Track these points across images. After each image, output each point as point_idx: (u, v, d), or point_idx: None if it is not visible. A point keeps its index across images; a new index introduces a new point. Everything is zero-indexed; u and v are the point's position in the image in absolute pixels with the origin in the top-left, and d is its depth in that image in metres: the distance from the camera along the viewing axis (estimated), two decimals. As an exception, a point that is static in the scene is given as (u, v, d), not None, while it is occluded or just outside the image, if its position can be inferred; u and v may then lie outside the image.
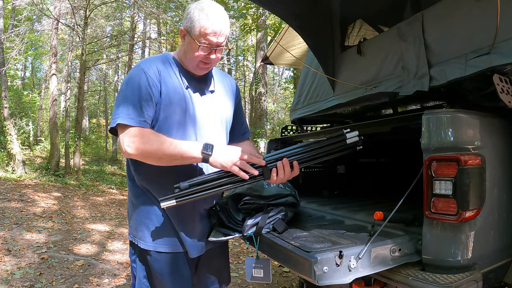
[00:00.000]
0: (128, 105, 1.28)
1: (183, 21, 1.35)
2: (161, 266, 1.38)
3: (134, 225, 1.44)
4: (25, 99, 14.94)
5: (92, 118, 26.29)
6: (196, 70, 1.40)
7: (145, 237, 1.38)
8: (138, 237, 1.41)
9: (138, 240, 1.41)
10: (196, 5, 1.32)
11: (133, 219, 1.44)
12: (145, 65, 1.35)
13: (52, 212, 6.04)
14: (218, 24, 1.30)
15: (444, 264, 1.23)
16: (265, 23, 11.10)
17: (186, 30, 1.33)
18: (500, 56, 1.45)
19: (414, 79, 1.87)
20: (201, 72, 1.42)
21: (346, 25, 2.83)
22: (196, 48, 1.31)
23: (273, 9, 2.56)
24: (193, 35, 1.30)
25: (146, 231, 1.38)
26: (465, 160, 1.19)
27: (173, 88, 1.37)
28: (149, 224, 1.39)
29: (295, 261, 1.22)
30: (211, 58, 1.35)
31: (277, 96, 22.04)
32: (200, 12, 1.29)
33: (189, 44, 1.33)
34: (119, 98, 1.33)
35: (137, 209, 1.43)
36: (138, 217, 1.42)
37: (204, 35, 1.29)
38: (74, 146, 10.80)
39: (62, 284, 3.10)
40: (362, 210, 1.86)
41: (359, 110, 2.80)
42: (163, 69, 1.37)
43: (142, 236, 1.39)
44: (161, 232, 1.38)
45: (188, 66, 1.40)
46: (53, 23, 10.48)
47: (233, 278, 3.43)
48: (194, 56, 1.33)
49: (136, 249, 1.44)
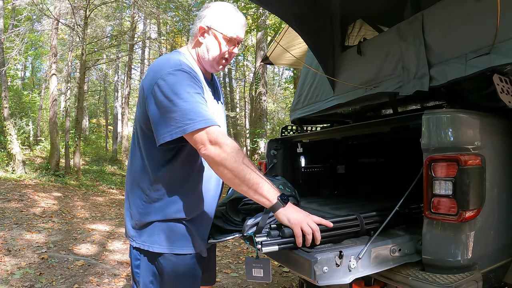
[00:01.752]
0: (200, 107, 1.22)
1: (202, 19, 1.37)
2: (175, 268, 1.36)
3: (142, 230, 1.38)
4: (25, 99, 14.94)
5: (92, 118, 26.30)
6: (215, 67, 1.42)
7: (161, 240, 1.35)
8: (149, 241, 1.36)
9: (149, 245, 1.36)
10: (216, 5, 1.38)
11: (140, 225, 1.39)
12: (187, 68, 1.29)
13: (52, 212, 6.04)
14: (243, 18, 1.39)
15: (444, 264, 1.24)
16: (265, 23, 11.10)
17: (209, 26, 1.36)
18: (500, 56, 1.45)
19: (414, 79, 1.87)
20: (220, 69, 1.43)
21: (346, 25, 2.83)
22: (222, 43, 1.36)
23: (273, 9, 2.56)
24: (220, 29, 1.35)
25: (161, 234, 1.35)
26: (465, 160, 1.19)
27: (208, 95, 1.41)
28: (164, 227, 1.35)
29: (295, 261, 1.22)
30: (233, 53, 1.40)
31: (277, 96, 22.04)
32: (225, 8, 1.37)
33: (213, 40, 1.37)
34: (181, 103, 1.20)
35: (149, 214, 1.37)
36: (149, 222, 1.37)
37: (232, 28, 1.36)
38: (74, 146, 10.80)
39: (62, 284, 3.10)
40: (362, 210, 1.85)
41: (359, 110, 2.80)
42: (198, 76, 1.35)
43: (157, 239, 1.35)
44: (176, 234, 1.36)
45: (207, 63, 1.41)
46: (53, 23, 10.48)
47: (233, 278, 3.43)
48: (219, 51, 1.37)
49: (144, 254, 1.39)
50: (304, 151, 2.53)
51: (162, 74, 1.24)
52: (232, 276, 3.47)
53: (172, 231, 1.35)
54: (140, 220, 1.37)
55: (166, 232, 1.35)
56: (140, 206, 1.37)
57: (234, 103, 23.76)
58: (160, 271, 1.37)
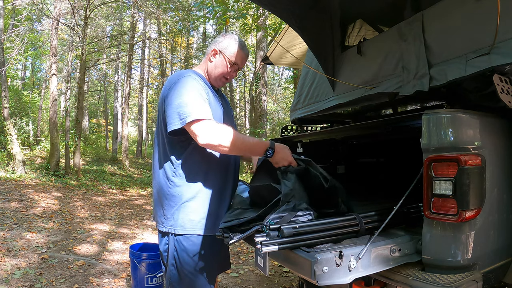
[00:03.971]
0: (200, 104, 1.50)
1: (216, 44, 1.73)
2: (196, 248, 1.57)
3: (168, 214, 1.60)
4: (25, 99, 14.92)
5: (92, 118, 26.30)
6: (218, 82, 1.76)
7: (184, 223, 1.57)
8: (175, 225, 1.58)
9: (174, 228, 1.57)
10: (231, 35, 1.76)
11: (167, 209, 1.60)
12: (196, 77, 1.61)
13: (52, 212, 6.04)
14: (247, 53, 1.77)
15: (444, 264, 1.24)
16: (265, 23, 11.10)
17: (220, 50, 1.72)
18: (500, 56, 1.45)
19: (414, 79, 1.87)
20: (221, 85, 1.78)
21: (346, 25, 2.83)
22: (227, 66, 1.71)
23: (273, 9, 2.56)
24: (228, 55, 1.71)
25: (185, 218, 1.57)
26: (465, 160, 1.19)
27: (214, 101, 1.66)
28: (187, 211, 1.58)
29: (295, 261, 1.22)
30: (232, 75, 1.76)
31: (277, 96, 22.03)
32: (236, 41, 1.73)
33: (221, 61, 1.72)
34: (184, 98, 1.50)
35: (173, 198, 1.60)
36: (174, 205, 1.59)
37: (237, 57, 1.72)
38: (74, 146, 10.80)
39: (62, 284, 3.10)
40: (362, 210, 1.85)
41: (359, 110, 2.80)
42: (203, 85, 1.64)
43: (181, 222, 1.57)
44: (198, 217, 1.58)
45: (212, 77, 1.74)
46: (53, 23, 10.48)
47: (233, 278, 3.43)
48: (223, 71, 1.72)
49: (170, 237, 1.60)
50: (304, 151, 2.53)
51: (177, 80, 1.58)
52: (232, 276, 3.47)
53: (194, 213, 1.57)
54: (167, 206, 1.60)
55: (189, 215, 1.57)
56: (166, 192, 1.61)
57: (234, 103, 23.75)
58: (182, 253, 1.57)
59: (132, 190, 10.50)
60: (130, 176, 13.46)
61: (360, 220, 1.37)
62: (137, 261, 2.63)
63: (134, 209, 7.37)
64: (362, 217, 1.39)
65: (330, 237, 1.29)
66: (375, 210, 1.47)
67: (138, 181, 12.52)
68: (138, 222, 6.03)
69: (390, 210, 1.37)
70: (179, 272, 1.58)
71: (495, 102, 1.46)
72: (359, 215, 1.39)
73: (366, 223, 1.37)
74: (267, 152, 1.55)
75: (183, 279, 1.58)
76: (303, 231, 1.24)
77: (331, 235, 1.29)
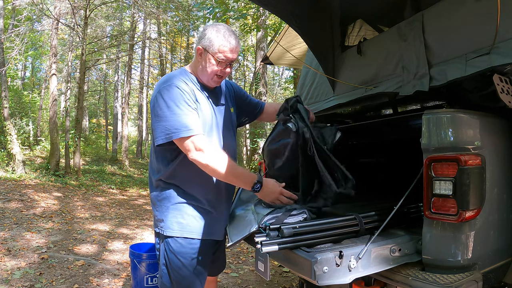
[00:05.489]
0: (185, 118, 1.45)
1: (200, 41, 1.55)
2: (183, 251, 1.55)
3: (159, 215, 1.60)
4: (25, 99, 14.93)
5: (92, 118, 26.30)
6: (211, 83, 1.60)
7: (173, 225, 1.56)
8: (165, 226, 1.57)
9: (164, 230, 1.57)
10: (212, 27, 1.54)
11: (159, 211, 1.61)
12: (179, 83, 1.50)
13: (52, 212, 6.04)
14: (234, 42, 1.54)
15: (444, 264, 1.24)
16: (265, 23, 11.10)
17: (204, 48, 1.54)
18: (500, 56, 1.45)
19: (414, 79, 1.87)
20: (215, 84, 1.63)
21: (346, 25, 2.83)
22: (214, 63, 1.53)
23: (273, 9, 2.56)
24: (212, 52, 1.52)
25: (173, 220, 1.56)
26: (465, 160, 1.19)
27: (203, 103, 1.58)
28: (175, 213, 1.57)
29: (295, 261, 1.22)
30: (226, 72, 1.57)
31: (277, 96, 22.03)
32: (217, 33, 1.52)
33: (208, 60, 1.54)
34: (167, 112, 1.45)
35: (163, 200, 1.60)
36: (164, 207, 1.59)
37: (222, 52, 1.52)
38: (74, 146, 10.79)
39: (62, 284, 3.10)
40: (362, 210, 1.85)
41: (359, 110, 2.80)
42: (192, 87, 1.56)
43: (170, 224, 1.56)
44: (186, 220, 1.57)
45: (204, 79, 1.60)
46: (53, 23, 10.47)
47: (233, 278, 3.43)
48: (212, 70, 1.55)
49: (161, 238, 1.60)
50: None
51: (159, 89, 1.50)
52: (232, 276, 3.47)
53: (182, 216, 1.56)
54: (158, 208, 1.61)
55: (177, 217, 1.56)
56: (157, 194, 1.62)
57: (234, 103, 23.71)
58: (171, 254, 1.57)
59: (132, 190, 10.50)
60: (130, 176, 13.46)
61: (360, 220, 1.37)
62: (137, 261, 2.62)
63: (134, 209, 7.37)
64: (362, 217, 1.39)
65: (330, 237, 1.29)
66: (375, 210, 1.47)
67: (138, 181, 12.52)
68: (138, 222, 6.03)
69: (390, 210, 1.37)
70: (169, 272, 1.59)
71: (495, 102, 1.47)
72: (359, 215, 1.39)
73: (366, 223, 1.37)
74: (255, 186, 1.50)
75: (172, 279, 1.59)
76: (303, 231, 1.24)
77: (331, 235, 1.29)
